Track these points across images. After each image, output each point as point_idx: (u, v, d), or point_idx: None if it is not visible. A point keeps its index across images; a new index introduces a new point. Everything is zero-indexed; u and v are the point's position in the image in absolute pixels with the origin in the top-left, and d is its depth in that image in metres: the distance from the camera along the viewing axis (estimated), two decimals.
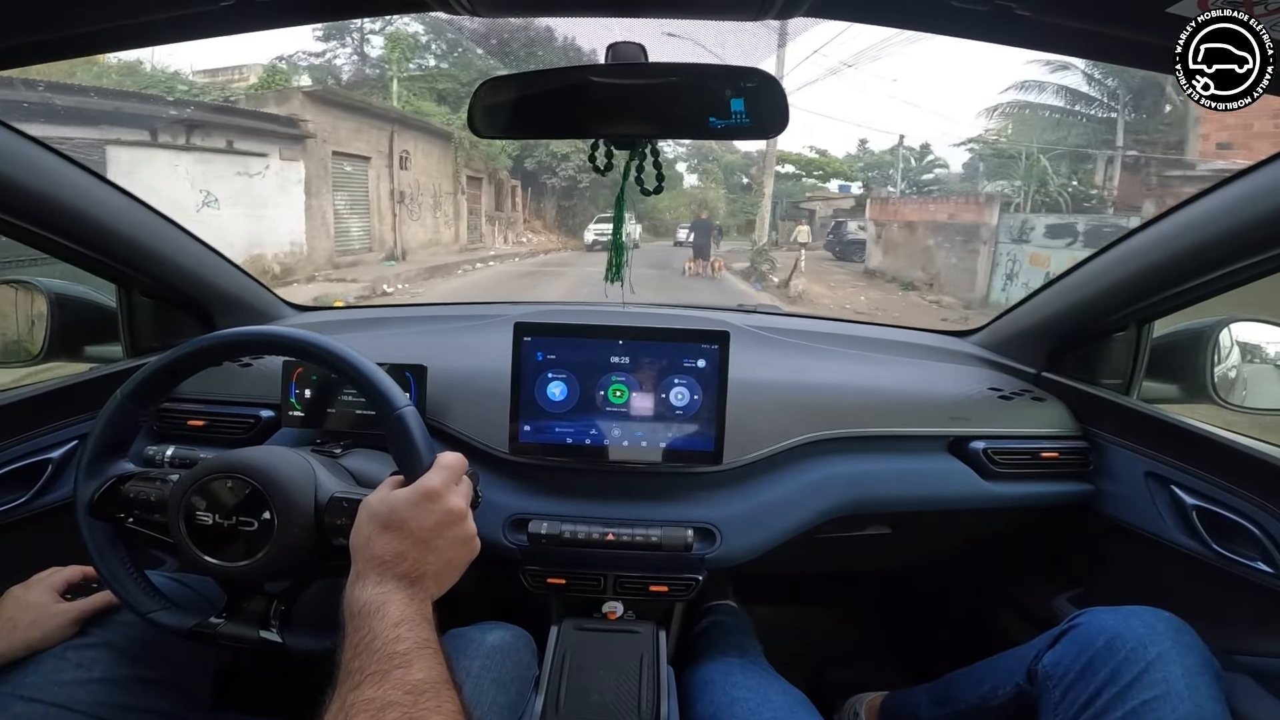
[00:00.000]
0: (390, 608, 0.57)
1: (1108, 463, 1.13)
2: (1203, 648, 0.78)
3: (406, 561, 0.61)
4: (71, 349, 1.22)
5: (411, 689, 0.50)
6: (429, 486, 0.65)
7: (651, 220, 30.91)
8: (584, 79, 0.78)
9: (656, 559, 0.99)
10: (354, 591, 0.59)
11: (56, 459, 1.02)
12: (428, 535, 0.63)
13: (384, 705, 0.49)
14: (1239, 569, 0.92)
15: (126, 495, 0.75)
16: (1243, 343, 1.16)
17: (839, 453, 1.11)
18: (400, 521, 0.63)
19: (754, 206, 38.02)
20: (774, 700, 0.95)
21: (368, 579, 0.60)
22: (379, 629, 0.55)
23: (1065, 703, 0.79)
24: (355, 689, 0.50)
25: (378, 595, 0.58)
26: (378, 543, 0.62)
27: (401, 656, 0.53)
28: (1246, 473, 0.93)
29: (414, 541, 0.62)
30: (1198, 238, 0.95)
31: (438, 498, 0.65)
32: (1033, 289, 1.32)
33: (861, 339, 1.42)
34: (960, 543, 1.37)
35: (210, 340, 0.77)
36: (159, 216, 1.13)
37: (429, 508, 0.64)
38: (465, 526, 0.67)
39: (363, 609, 0.57)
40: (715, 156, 35.00)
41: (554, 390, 1.02)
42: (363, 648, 0.54)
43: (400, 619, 0.56)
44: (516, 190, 22.58)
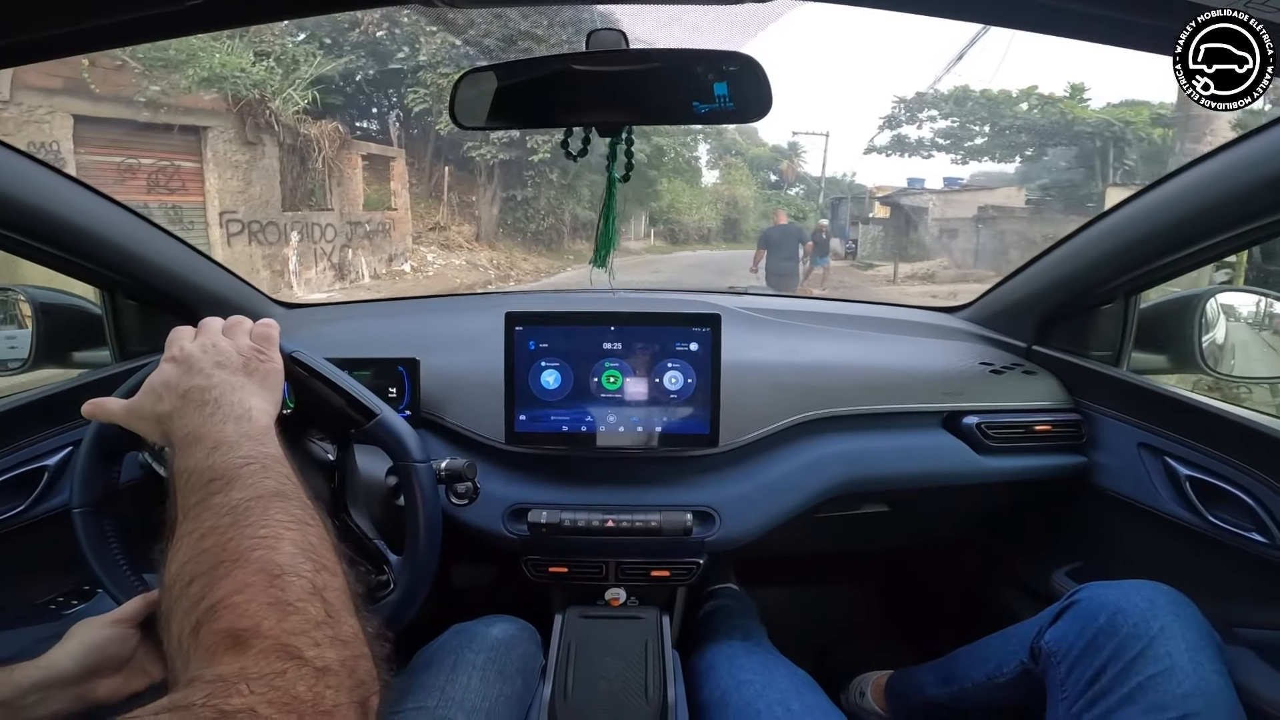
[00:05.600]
0: (200, 441, 0.52)
1: (1100, 434, 1.14)
2: (1203, 621, 0.79)
3: (193, 393, 0.57)
4: (59, 356, 1.21)
5: (229, 510, 0.45)
6: (165, 355, 0.63)
7: (667, 223, 24.83)
8: (565, 67, 0.78)
9: (657, 544, 1.00)
10: (171, 451, 0.55)
11: (52, 466, 1.01)
12: (188, 369, 0.60)
13: (202, 534, 0.44)
14: (1234, 539, 0.93)
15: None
16: (1229, 311, 1.17)
17: (834, 431, 1.11)
18: (158, 384, 0.60)
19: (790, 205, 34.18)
20: (780, 682, 0.96)
21: (172, 431, 0.56)
22: (192, 466, 0.50)
23: (1071, 679, 0.79)
24: (179, 525, 0.46)
25: (183, 436, 0.54)
26: (160, 406, 0.58)
27: (218, 482, 0.48)
28: (1239, 442, 0.93)
29: (184, 377, 0.59)
30: (1183, 210, 0.95)
31: (179, 347, 0.62)
32: None
33: (853, 317, 1.42)
34: (958, 519, 1.38)
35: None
36: (138, 218, 1.12)
37: (170, 365, 0.61)
38: (226, 345, 0.63)
39: (177, 455, 0.53)
40: (740, 150, 31.69)
41: (548, 379, 1.01)
42: (179, 489, 0.49)
43: (213, 446, 0.51)
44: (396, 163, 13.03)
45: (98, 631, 0.68)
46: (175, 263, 1.20)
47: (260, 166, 10.18)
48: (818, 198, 26.76)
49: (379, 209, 12.67)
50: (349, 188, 11.84)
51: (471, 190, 15.57)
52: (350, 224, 11.94)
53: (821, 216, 22.81)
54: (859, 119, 76.26)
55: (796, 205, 33.72)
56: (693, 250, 23.79)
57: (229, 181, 9.73)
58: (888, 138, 19.49)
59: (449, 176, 14.99)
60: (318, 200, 11.33)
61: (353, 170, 11.90)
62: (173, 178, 9.22)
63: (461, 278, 12.99)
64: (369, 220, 12.33)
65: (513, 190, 15.44)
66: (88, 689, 0.66)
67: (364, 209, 12.27)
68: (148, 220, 1.14)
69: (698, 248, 24.81)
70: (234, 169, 9.81)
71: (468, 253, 14.23)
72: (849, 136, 78.64)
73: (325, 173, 11.32)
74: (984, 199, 16.71)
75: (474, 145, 14.31)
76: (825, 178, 27.08)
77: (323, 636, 0.39)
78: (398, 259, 12.84)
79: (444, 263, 13.55)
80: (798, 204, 34.04)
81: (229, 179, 9.73)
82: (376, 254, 12.38)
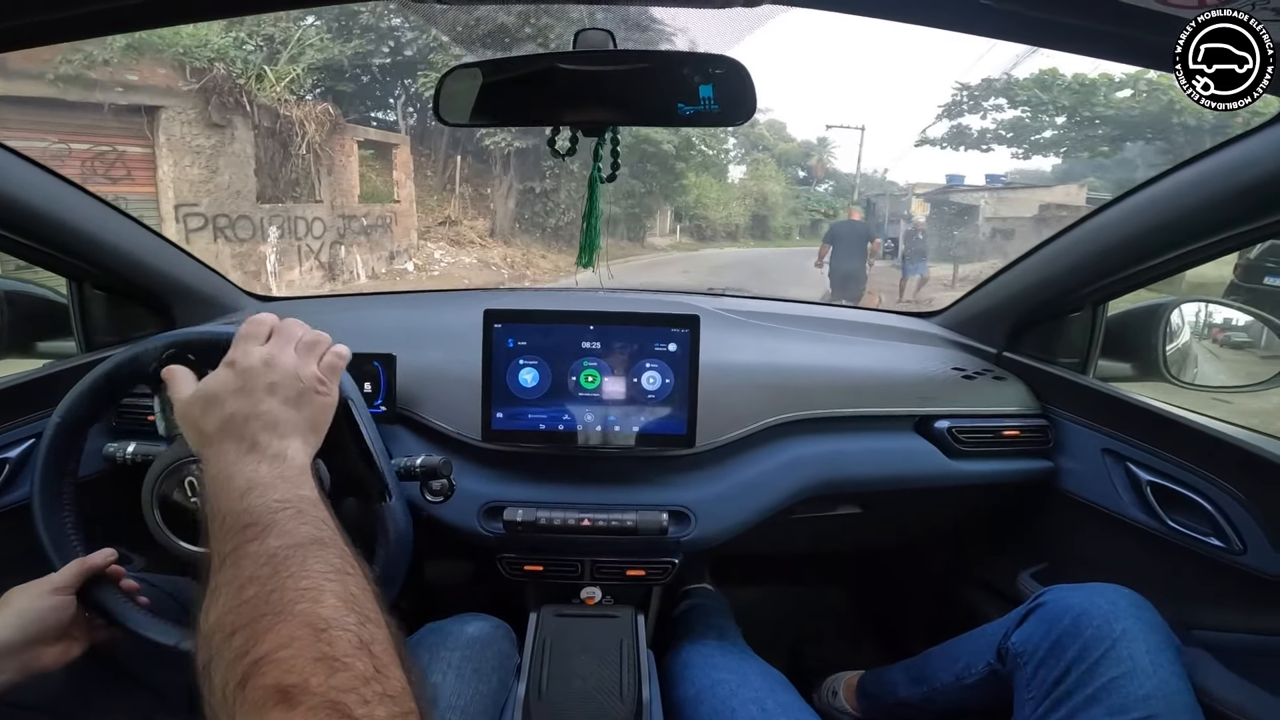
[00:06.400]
0: (233, 481, 0.51)
1: (1067, 440, 1.17)
2: (1163, 624, 0.81)
3: (234, 421, 0.55)
4: (23, 346, 1.18)
5: (268, 559, 0.44)
6: (229, 357, 0.61)
7: (693, 220, 23.29)
8: (551, 65, 0.77)
9: (633, 543, 1.00)
10: (206, 486, 0.53)
11: (14, 458, 0.98)
12: (242, 389, 0.57)
13: (242, 583, 0.43)
14: (1191, 543, 0.96)
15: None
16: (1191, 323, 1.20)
17: (809, 433, 1.12)
18: (208, 395, 0.58)
19: (820, 202, 33.40)
20: (753, 681, 0.96)
21: (209, 463, 0.54)
22: (226, 508, 0.49)
23: (1037, 679, 0.81)
24: (214, 575, 0.45)
25: (216, 473, 0.52)
26: (204, 422, 0.56)
27: (253, 528, 0.47)
28: (1198, 449, 0.96)
29: (232, 399, 0.57)
30: (1150, 221, 0.98)
31: (246, 354, 0.60)
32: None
33: (829, 321, 1.44)
34: (929, 521, 1.40)
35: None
36: (108, 207, 1.10)
37: (228, 371, 0.59)
38: (283, 366, 0.60)
39: (211, 492, 0.51)
40: (767, 145, 30.73)
41: (526, 376, 1.01)
42: (214, 532, 0.48)
43: (246, 488, 0.50)
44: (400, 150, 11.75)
45: (38, 600, 0.68)
46: (146, 252, 1.18)
47: (230, 153, 8.81)
48: (851, 194, 25.61)
49: (380, 202, 11.44)
50: (342, 177, 10.56)
51: (487, 182, 14.40)
52: (344, 218, 10.61)
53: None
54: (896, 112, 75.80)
55: (827, 202, 33.26)
56: (720, 248, 22.80)
57: (187, 170, 8.40)
58: (945, 128, 18.05)
59: (462, 167, 13.72)
60: (303, 191, 9.99)
61: (347, 158, 10.59)
62: (114, 165, 8.01)
63: (471, 278, 11.66)
64: (366, 214, 11.01)
65: (531, 182, 14.15)
66: (31, 657, 0.66)
67: (360, 201, 10.95)
68: (117, 209, 1.12)
69: (725, 245, 23.84)
70: (195, 155, 8.44)
71: (480, 249, 13.00)
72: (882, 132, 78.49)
73: (312, 160, 9.94)
74: (1043, 196, 15.63)
75: (489, 133, 12.68)
76: (860, 174, 26.07)
77: (371, 693, 0.38)
78: (400, 257, 11.60)
79: (452, 261, 12.34)
80: (828, 200, 33.46)
81: (188, 167, 8.39)
82: (375, 251, 11.15)
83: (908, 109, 25.37)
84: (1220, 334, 1.21)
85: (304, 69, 9.94)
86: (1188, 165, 0.91)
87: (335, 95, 10.70)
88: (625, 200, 16.88)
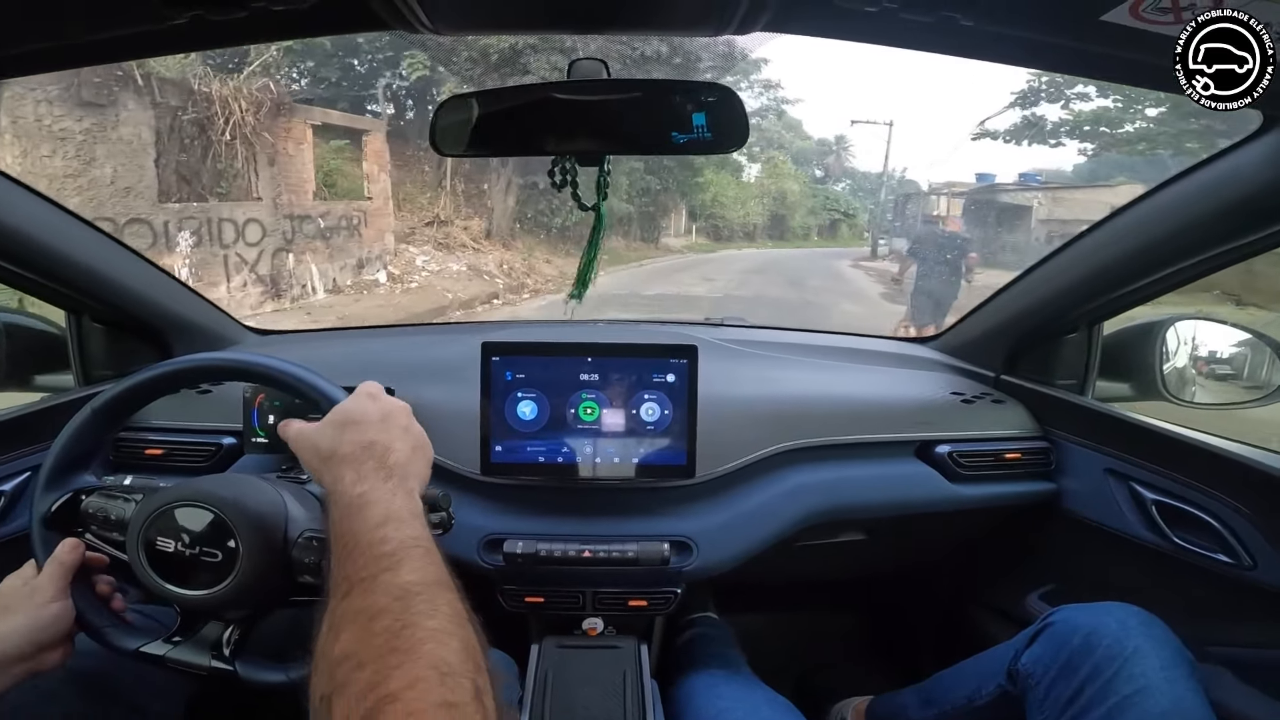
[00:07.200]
0: (372, 507, 0.53)
1: (1069, 461, 1.17)
2: (1175, 641, 0.80)
3: (376, 448, 0.59)
4: (21, 379, 1.18)
5: (402, 593, 0.46)
6: (366, 388, 0.67)
7: (710, 219, 22.70)
8: (546, 95, 0.78)
9: (634, 574, 0.99)
10: (334, 500, 0.56)
11: (9, 491, 0.97)
12: (384, 423, 0.63)
13: (374, 614, 0.44)
14: (1200, 560, 0.95)
15: (86, 510, 0.73)
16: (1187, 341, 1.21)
17: (810, 461, 1.12)
18: (354, 418, 0.62)
19: (838, 202, 32.57)
20: (761, 710, 0.95)
21: (342, 480, 0.57)
22: (361, 531, 0.51)
23: (1049, 700, 0.80)
24: (343, 599, 0.47)
25: (356, 496, 0.55)
26: (343, 444, 0.60)
27: (389, 558, 0.49)
28: (1201, 467, 0.96)
29: (375, 430, 0.61)
30: (1140, 240, 0.99)
31: (377, 393, 0.67)
32: None
33: (827, 348, 1.44)
34: (933, 545, 1.39)
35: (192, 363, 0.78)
36: (109, 239, 1.10)
37: (373, 403, 0.65)
38: (414, 423, 0.67)
39: (344, 512, 0.54)
40: (784, 143, 30.23)
41: (524, 409, 1.01)
42: (345, 555, 0.50)
43: (384, 518, 0.52)
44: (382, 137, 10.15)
45: (42, 610, 0.68)
46: (145, 285, 1.18)
47: (114, 139, 6.81)
48: (879, 193, 24.79)
49: (346, 198, 9.59)
50: (290, 169, 8.58)
51: (484, 176, 12.73)
52: (292, 219, 8.61)
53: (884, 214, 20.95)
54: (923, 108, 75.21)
55: (845, 200, 33.02)
56: (738, 249, 22.18)
57: (46, 161, 6.35)
58: (1014, 119, 16.14)
59: (455, 160, 11.63)
60: (231, 188, 8.04)
61: (296, 147, 8.62)
62: None
63: (458, 289, 9.97)
64: (325, 214, 9.03)
65: (534, 176, 12.14)
66: (37, 663, 0.67)
67: (317, 199, 8.96)
68: (118, 241, 1.13)
69: (743, 246, 23.38)
70: (58, 143, 6.43)
71: (473, 254, 11.36)
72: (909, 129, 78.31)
73: (244, 149, 7.97)
74: (1107, 197, 13.36)
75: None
76: (887, 173, 24.95)
77: None
78: (371, 264, 9.86)
79: (438, 268, 10.63)
80: (846, 199, 33.21)
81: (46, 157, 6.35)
82: (338, 259, 9.27)
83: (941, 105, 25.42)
84: (1205, 367, 1.21)
85: (279, 50, 8.77)
86: (1174, 182, 0.91)
87: (318, 80, 9.72)
88: (640, 198, 16.22)
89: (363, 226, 9.80)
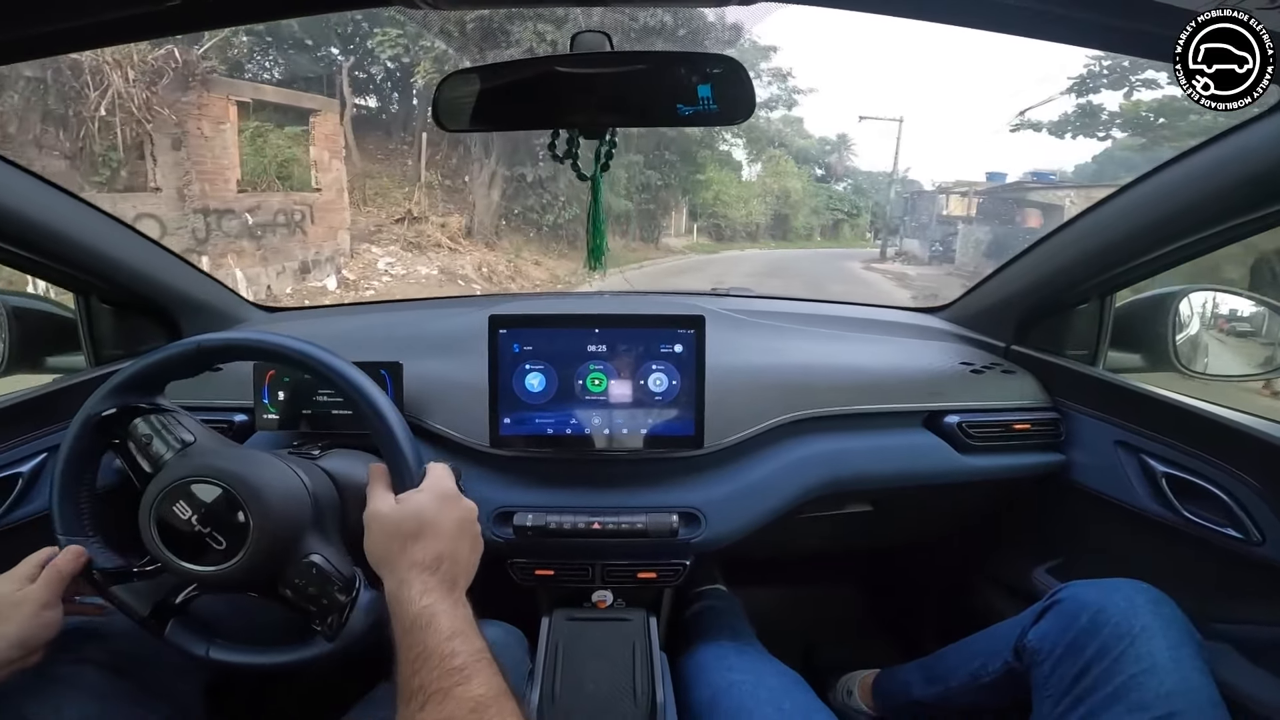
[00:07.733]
0: (440, 619, 0.57)
1: (1078, 432, 1.16)
2: (1183, 619, 0.80)
3: (444, 564, 0.63)
4: (33, 361, 1.19)
5: (475, 705, 0.51)
6: (446, 488, 0.69)
7: (711, 218, 21.95)
8: (549, 69, 0.77)
9: (643, 545, 1.00)
10: (401, 605, 0.60)
11: (26, 473, 0.99)
12: (455, 535, 0.66)
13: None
14: (1210, 535, 0.95)
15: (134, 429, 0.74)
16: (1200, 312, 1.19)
17: (817, 432, 1.12)
18: (430, 524, 0.65)
19: (842, 201, 32.16)
20: (769, 681, 0.96)
21: (411, 588, 0.60)
22: (433, 644, 0.55)
23: (1055, 678, 0.81)
24: (420, 710, 0.51)
25: (425, 607, 0.59)
26: (415, 550, 0.63)
27: (459, 672, 0.53)
28: (1213, 439, 0.95)
29: (447, 541, 0.65)
30: (1157, 212, 0.97)
31: (457, 497, 0.69)
32: None
33: (835, 318, 1.43)
34: (940, 517, 1.39)
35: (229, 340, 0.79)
36: (114, 221, 1.11)
37: (450, 508, 0.67)
38: (477, 524, 0.71)
39: (414, 623, 0.58)
40: (785, 141, 29.31)
41: (532, 381, 1.01)
42: (420, 664, 0.54)
43: (452, 631, 0.57)
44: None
45: (34, 619, 0.69)
46: (150, 265, 1.18)
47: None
48: (888, 191, 24.30)
49: (289, 190, 8.14)
50: (207, 155, 7.25)
51: (464, 168, 11.51)
52: (207, 214, 7.23)
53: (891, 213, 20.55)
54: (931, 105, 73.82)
55: (849, 200, 32.56)
56: (741, 249, 21.82)
57: None
58: (1069, 105, 15.25)
59: (429, 148, 10.58)
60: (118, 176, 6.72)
61: (215, 127, 7.27)
62: None
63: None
64: (255, 208, 7.69)
65: (521, 168, 11.13)
66: (22, 663, 0.69)
67: (242, 191, 7.61)
68: (121, 222, 1.13)
69: (746, 246, 23.09)
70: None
71: (448, 255, 10.11)
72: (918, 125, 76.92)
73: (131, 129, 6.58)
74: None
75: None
76: (895, 171, 24.21)
77: None
78: (321, 267, 8.37)
79: (404, 272, 9.26)
80: (849, 199, 32.68)
81: None
82: (274, 262, 7.84)
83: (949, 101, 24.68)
84: (1226, 324, 1.20)
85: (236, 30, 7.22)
86: (1191, 154, 0.90)
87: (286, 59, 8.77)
88: (640, 195, 15.18)
89: (308, 223, 8.37)
